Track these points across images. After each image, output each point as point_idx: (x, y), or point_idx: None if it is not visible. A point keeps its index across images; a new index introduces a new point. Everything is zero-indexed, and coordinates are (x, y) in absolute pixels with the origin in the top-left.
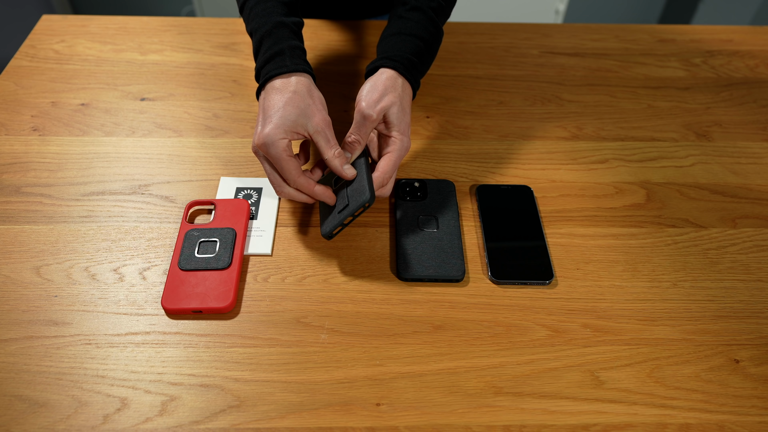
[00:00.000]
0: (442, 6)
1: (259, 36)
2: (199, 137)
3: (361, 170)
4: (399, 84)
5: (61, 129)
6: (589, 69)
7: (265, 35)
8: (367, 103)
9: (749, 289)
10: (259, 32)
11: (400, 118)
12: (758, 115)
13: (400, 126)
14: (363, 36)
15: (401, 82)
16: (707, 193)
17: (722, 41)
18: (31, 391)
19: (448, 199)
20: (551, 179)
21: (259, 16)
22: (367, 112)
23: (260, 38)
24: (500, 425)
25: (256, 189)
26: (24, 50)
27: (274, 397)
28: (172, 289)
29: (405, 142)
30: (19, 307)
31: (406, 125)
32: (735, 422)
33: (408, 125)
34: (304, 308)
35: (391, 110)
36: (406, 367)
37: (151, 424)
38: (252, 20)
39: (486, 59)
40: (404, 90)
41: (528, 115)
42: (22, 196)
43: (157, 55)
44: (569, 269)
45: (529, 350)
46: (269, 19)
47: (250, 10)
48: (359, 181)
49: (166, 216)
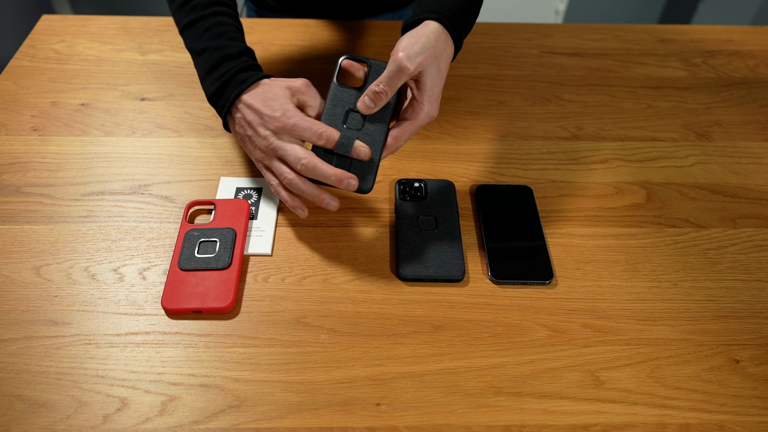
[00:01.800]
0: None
1: (221, 55)
2: (199, 137)
3: (379, 134)
4: (442, 40)
5: (61, 129)
6: (589, 69)
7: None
8: (406, 54)
9: (749, 289)
10: (221, 51)
11: (435, 81)
12: (758, 115)
13: (432, 92)
14: (363, 36)
15: (445, 38)
16: (707, 193)
17: (722, 41)
18: (31, 391)
19: (448, 199)
20: (551, 179)
21: (219, 37)
22: (405, 63)
23: (222, 57)
24: (500, 425)
25: (256, 189)
26: (24, 50)
27: (274, 397)
28: (172, 289)
29: (432, 111)
30: (19, 307)
31: (438, 91)
32: (735, 422)
33: (440, 92)
34: (304, 308)
35: (429, 69)
36: (406, 367)
37: (151, 424)
38: (211, 38)
39: (486, 59)
40: (446, 49)
41: (528, 115)
42: (22, 196)
43: (157, 55)
44: (569, 269)
45: (529, 350)
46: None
47: (206, 29)
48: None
49: (166, 216)
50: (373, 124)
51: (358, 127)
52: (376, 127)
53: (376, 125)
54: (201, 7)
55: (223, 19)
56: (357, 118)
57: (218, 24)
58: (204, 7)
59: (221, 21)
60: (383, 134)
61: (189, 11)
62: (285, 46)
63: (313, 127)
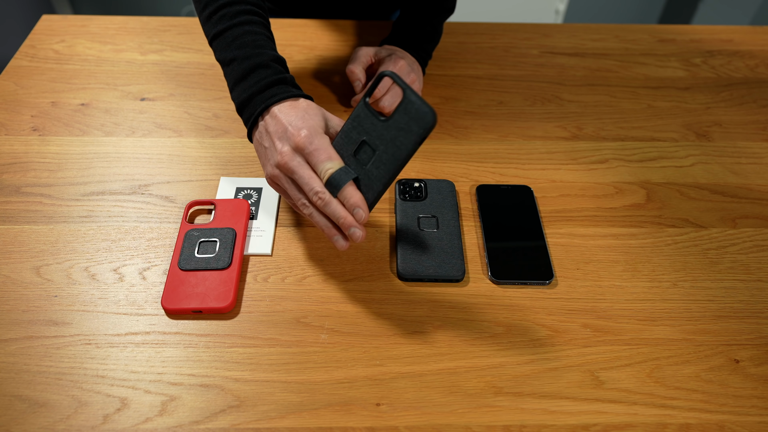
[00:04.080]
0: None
1: (251, 64)
2: (199, 137)
3: (378, 182)
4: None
5: (61, 129)
6: (589, 69)
7: (259, 65)
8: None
9: (749, 289)
10: (251, 60)
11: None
12: (758, 115)
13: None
14: (363, 36)
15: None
16: (707, 193)
17: (722, 41)
18: (31, 391)
19: (448, 199)
20: (551, 179)
21: (247, 45)
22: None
23: (252, 66)
24: (500, 425)
25: (256, 189)
26: (24, 50)
27: (274, 397)
28: (172, 289)
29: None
30: (19, 307)
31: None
32: (735, 422)
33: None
34: (304, 308)
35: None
36: (406, 367)
37: (151, 424)
38: (240, 47)
39: (486, 59)
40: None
41: (528, 115)
42: (22, 196)
43: (157, 55)
44: (569, 269)
45: (529, 350)
46: (263, 51)
47: (234, 38)
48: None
49: (166, 216)
50: (378, 168)
51: (365, 163)
52: (380, 172)
53: (381, 169)
54: (229, 16)
55: (252, 28)
56: (368, 152)
57: (247, 33)
58: (232, 16)
59: (250, 30)
60: (383, 183)
61: (217, 21)
62: (285, 46)
63: (324, 167)
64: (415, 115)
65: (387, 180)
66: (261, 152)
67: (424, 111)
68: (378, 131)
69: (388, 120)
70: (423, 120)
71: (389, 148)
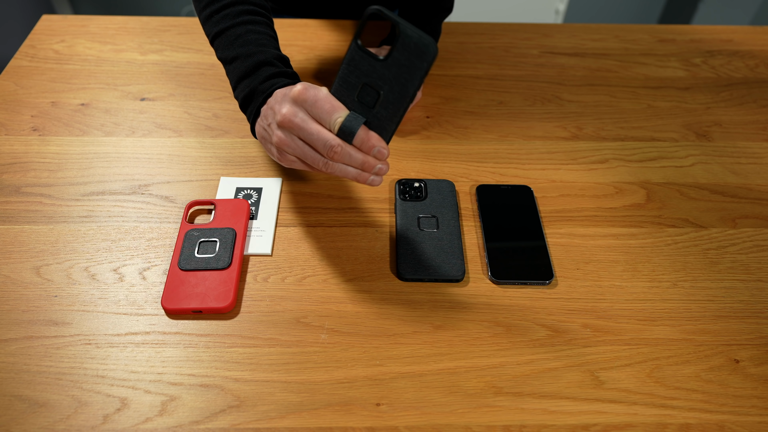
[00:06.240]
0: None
1: (254, 62)
2: (199, 137)
3: (389, 121)
4: None
5: (61, 129)
6: (589, 69)
7: (264, 62)
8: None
9: (749, 289)
10: (254, 58)
11: None
12: (758, 115)
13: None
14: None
15: None
16: (707, 193)
17: (722, 41)
18: (31, 391)
19: (448, 199)
20: (551, 179)
21: (250, 44)
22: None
23: (256, 64)
24: (500, 425)
25: (256, 189)
26: (24, 50)
27: (274, 397)
28: (172, 289)
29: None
30: (19, 307)
31: None
32: (735, 422)
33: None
34: (304, 308)
35: None
36: (406, 367)
37: (151, 424)
38: (242, 45)
39: (486, 59)
40: None
41: (528, 115)
42: (22, 196)
43: (157, 55)
44: (569, 269)
45: (529, 350)
46: (266, 50)
47: (237, 36)
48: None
49: (166, 216)
50: (386, 109)
51: (371, 105)
52: (389, 112)
53: (390, 109)
54: (232, 15)
55: (254, 27)
56: (372, 94)
57: (250, 32)
58: (235, 15)
59: (253, 29)
60: (395, 122)
61: (219, 20)
62: (284, 46)
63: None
64: (415, 50)
65: (398, 118)
66: (264, 135)
67: (424, 43)
68: (378, 72)
69: (386, 59)
70: (425, 53)
71: (395, 87)
